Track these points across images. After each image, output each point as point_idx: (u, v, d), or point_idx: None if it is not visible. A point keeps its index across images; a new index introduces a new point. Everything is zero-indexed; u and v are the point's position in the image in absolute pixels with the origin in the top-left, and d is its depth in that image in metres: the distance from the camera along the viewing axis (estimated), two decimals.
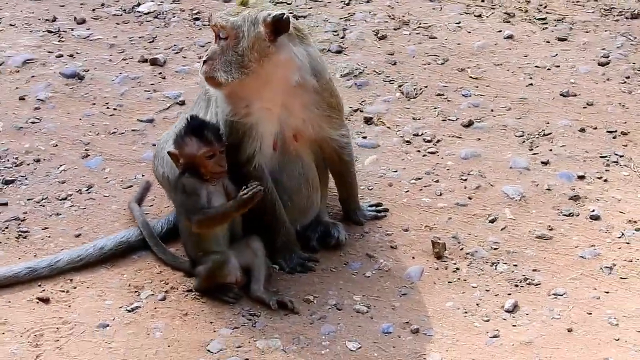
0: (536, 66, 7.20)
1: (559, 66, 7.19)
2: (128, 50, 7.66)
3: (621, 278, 5.35)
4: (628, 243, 5.58)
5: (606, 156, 6.28)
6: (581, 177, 6.10)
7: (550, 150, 6.34)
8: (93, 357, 4.97)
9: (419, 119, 6.69)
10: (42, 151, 6.52)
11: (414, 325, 5.08)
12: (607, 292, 5.26)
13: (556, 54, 7.32)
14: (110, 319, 5.20)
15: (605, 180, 6.07)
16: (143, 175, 6.21)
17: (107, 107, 6.97)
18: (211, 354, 4.96)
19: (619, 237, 5.63)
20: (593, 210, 5.81)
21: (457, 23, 7.76)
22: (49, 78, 7.31)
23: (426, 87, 7.01)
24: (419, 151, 6.40)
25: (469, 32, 7.64)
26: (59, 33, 7.92)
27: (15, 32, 7.97)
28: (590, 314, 5.12)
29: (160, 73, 7.32)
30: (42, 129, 6.74)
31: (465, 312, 5.17)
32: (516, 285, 5.33)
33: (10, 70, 7.44)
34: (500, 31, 7.62)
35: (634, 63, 7.15)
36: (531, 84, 7.00)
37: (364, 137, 6.54)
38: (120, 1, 8.38)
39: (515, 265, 5.46)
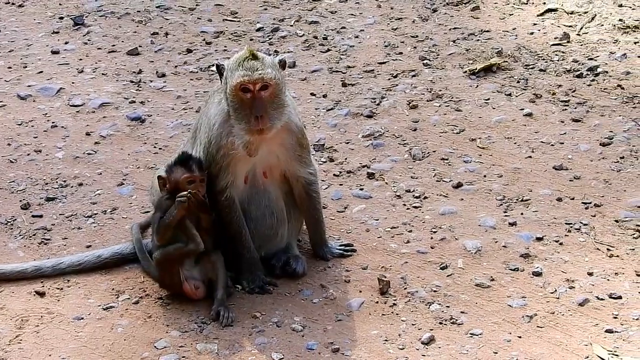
0: (541, 142, 7.70)
1: (563, 143, 7.66)
2: (192, 101, 8.65)
3: (538, 326, 5.80)
4: (558, 298, 6.03)
5: (571, 223, 6.72)
6: (539, 239, 6.56)
7: (522, 214, 6.84)
8: (61, 342, 5.85)
9: (417, 178, 7.33)
10: (87, 177, 7.54)
11: (336, 346, 5.70)
12: (520, 337, 5.73)
13: (565, 133, 7.80)
14: (87, 313, 6.07)
15: (561, 244, 6.52)
16: None
17: (154, 147, 7.94)
18: (156, 350, 5.74)
19: (552, 293, 6.08)
20: (537, 268, 6.28)
21: (485, 99, 8.36)
22: (116, 119, 8.37)
23: (434, 151, 7.64)
24: (404, 205, 7.03)
25: (494, 108, 8.22)
26: (139, 83, 9.01)
27: (104, 80, 9.12)
28: (497, 353, 5.61)
29: None
30: (94, 160, 7.77)
31: (386, 340, 5.75)
32: (440, 323, 5.88)
33: (87, 111, 8.55)
34: (522, 109, 8.16)
35: (633, 146, 7.53)
36: (530, 157, 7.51)
37: (361, 189, 7.23)
38: (201, 60, 9.41)
39: (448, 307, 6.01)
